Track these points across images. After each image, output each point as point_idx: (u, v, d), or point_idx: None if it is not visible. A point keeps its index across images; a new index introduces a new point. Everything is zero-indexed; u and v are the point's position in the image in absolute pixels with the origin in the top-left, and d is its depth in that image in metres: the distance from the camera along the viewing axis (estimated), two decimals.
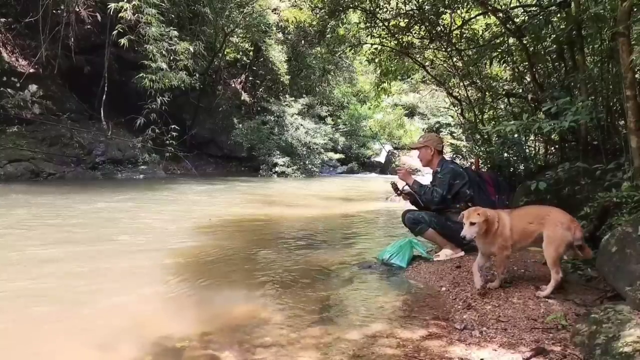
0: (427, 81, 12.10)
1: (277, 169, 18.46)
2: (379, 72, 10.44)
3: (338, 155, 23.36)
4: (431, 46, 8.85)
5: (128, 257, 4.66)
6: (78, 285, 3.72)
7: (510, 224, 3.23)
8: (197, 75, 15.99)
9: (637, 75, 3.84)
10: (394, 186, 4.82)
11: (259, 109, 21.34)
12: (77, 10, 13.52)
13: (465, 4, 7.46)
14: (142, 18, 12.74)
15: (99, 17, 13.36)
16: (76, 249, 4.87)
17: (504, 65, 7.28)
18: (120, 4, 12.19)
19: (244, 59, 21.90)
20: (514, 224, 3.23)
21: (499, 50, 6.81)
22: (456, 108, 8.92)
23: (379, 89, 11.27)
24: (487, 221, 3.19)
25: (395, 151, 25.66)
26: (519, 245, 3.29)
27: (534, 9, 6.00)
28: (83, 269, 4.19)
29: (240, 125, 19.08)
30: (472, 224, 3.17)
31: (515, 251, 3.46)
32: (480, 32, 7.94)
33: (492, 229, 3.21)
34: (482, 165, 6.75)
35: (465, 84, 8.01)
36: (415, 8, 8.13)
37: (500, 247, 3.23)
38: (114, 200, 8.78)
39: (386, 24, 8.63)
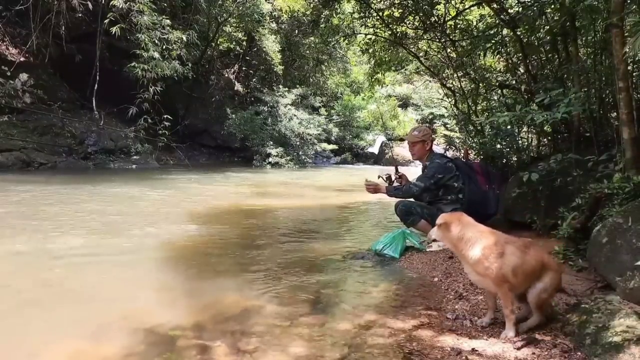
0: (421, 72, 12.06)
1: (270, 159, 18.36)
2: (372, 62, 10.40)
3: (331, 146, 23.26)
4: (425, 37, 8.83)
5: (119, 248, 4.64)
6: (68, 276, 3.71)
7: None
8: (190, 64, 15.80)
9: (629, 67, 3.86)
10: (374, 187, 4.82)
11: (252, 99, 21.19)
12: None
13: None
14: (134, 6, 12.58)
15: (90, 5, 13.15)
16: (67, 240, 4.84)
17: (497, 56, 7.27)
18: None
19: (237, 48, 21.71)
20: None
21: (493, 41, 6.79)
22: (450, 99, 8.90)
23: (373, 80, 11.25)
24: (446, 226, 2.56)
25: (388, 142, 25.60)
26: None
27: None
28: (73, 259, 4.17)
29: (234, 115, 18.93)
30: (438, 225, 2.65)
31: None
32: (475, 23, 7.93)
33: (457, 244, 2.54)
34: (475, 156, 6.76)
35: (459, 75, 8.00)
36: None
37: (499, 280, 2.42)
38: (106, 190, 8.72)
39: (380, 14, 8.59)
